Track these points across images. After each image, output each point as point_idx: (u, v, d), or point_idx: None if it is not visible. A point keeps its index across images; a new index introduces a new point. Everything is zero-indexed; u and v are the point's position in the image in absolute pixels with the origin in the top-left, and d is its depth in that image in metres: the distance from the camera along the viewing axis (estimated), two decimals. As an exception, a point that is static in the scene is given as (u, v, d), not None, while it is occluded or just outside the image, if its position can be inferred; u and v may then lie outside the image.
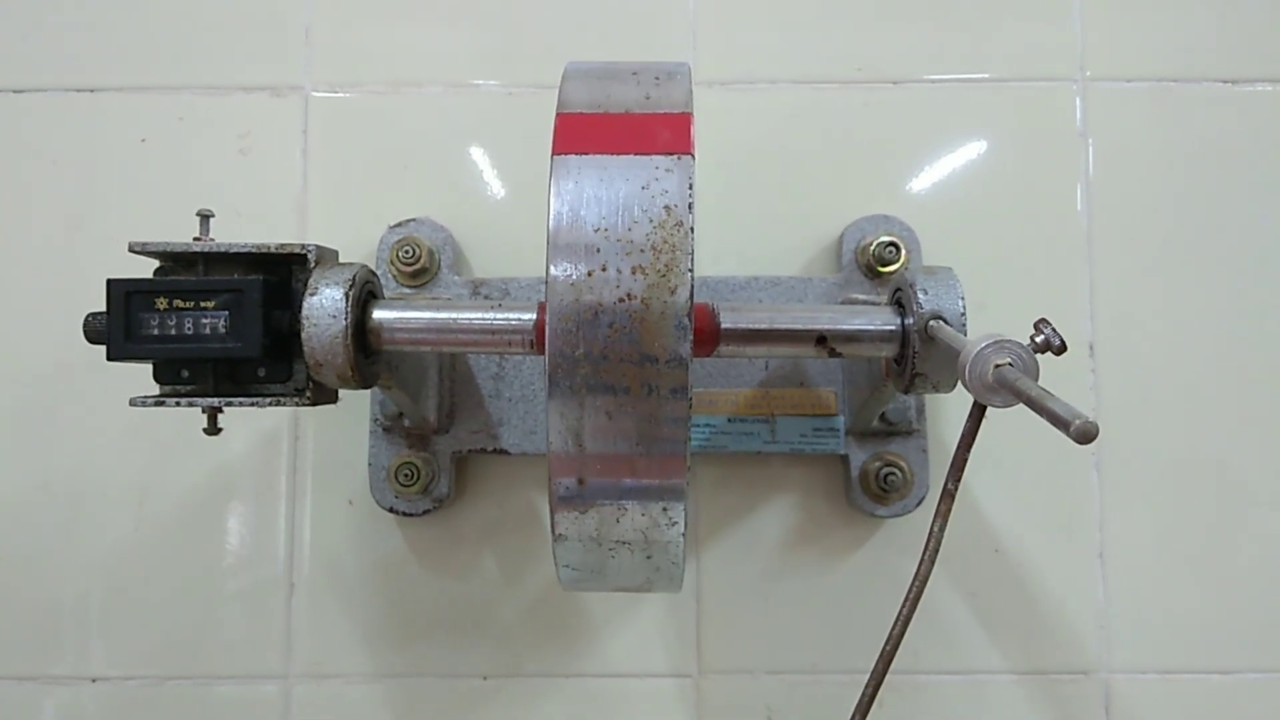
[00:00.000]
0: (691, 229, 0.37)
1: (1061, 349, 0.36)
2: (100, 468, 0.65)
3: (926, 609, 0.64)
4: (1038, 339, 0.36)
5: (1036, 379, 0.35)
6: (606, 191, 0.37)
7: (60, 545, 0.65)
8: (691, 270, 0.36)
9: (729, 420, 0.63)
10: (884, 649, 0.37)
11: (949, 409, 0.65)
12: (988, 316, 0.66)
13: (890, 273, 0.63)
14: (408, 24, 0.68)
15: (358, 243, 0.65)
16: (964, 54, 0.68)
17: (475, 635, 0.65)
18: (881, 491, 0.62)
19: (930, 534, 0.36)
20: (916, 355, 0.45)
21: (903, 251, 0.63)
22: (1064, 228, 0.67)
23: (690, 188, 0.37)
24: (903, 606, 0.38)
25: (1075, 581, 0.65)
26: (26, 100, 0.67)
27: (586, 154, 0.38)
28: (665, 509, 0.38)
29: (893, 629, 0.38)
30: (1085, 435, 0.28)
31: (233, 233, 0.55)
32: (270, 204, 0.67)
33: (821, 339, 0.47)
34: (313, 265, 0.48)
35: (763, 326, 0.47)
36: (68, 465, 0.65)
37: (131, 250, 0.48)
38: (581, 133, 0.39)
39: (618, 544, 0.40)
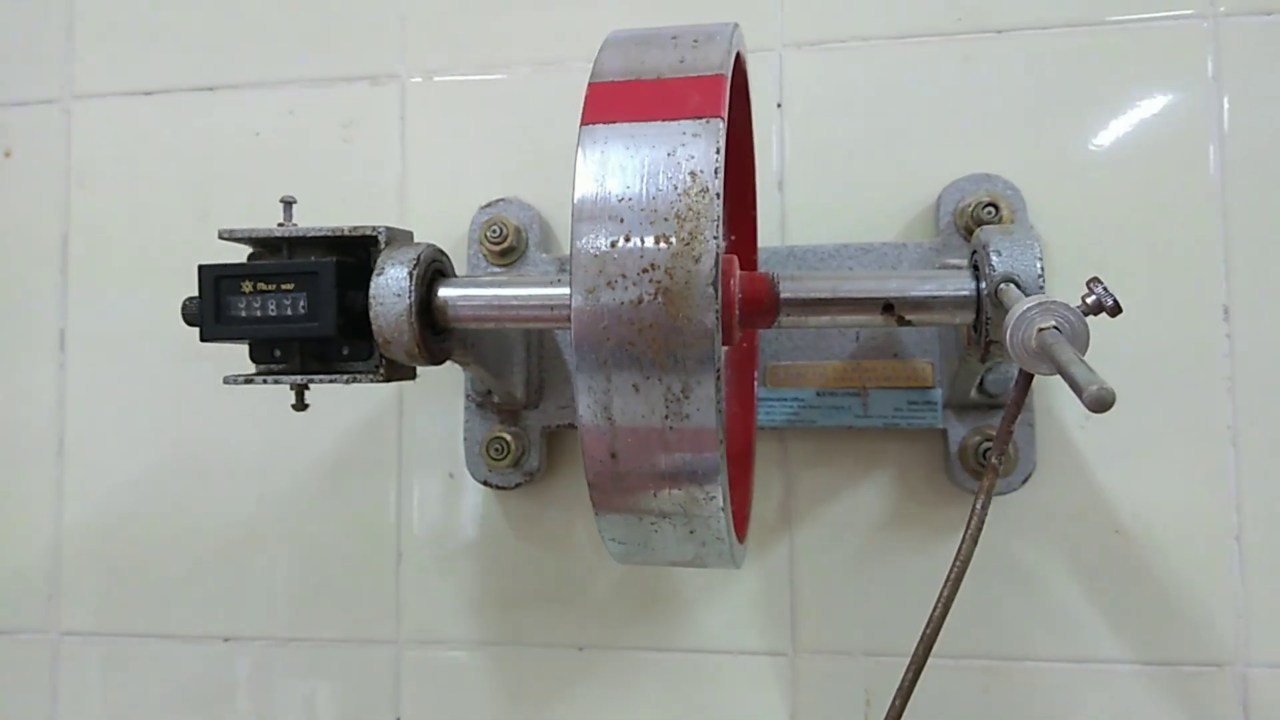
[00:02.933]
0: (718, 195, 0.36)
1: (1116, 310, 0.33)
2: (227, 445, 0.70)
3: (1038, 592, 0.61)
4: (1089, 299, 0.33)
5: (1086, 344, 0.32)
6: (632, 160, 0.37)
7: (195, 517, 0.70)
8: (717, 238, 0.35)
9: (818, 394, 0.61)
10: (924, 632, 0.35)
11: (1060, 381, 0.61)
12: (1108, 278, 0.60)
13: (991, 235, 0.59)
14: (497, 6, 0.69)
15: (454, 223, 0.67)
16: (1080, -5, 0.62)
17: (570, 606, 0.66)
18: (981, 468, 0.58)
19: (972, 511, 0.34)
20: (989, 322, 0.42)
21: (1004, 212, 0.59)
22: (1195, 182, 0.61)
23: (718, 152, 0.36)
24: (943, 588, 0.36)
25: (1208, 565, 0.59)
26: (154, 101, 0.72)
27: (615, 122, 0.37)
28: (701, 483, 0.37)
29: (933, 611, 0.35)
30: (1098, 403, 0.26)
31: (339, 217, 0.58)
32: (373, 188, 0.69)
33: (889, 306, 0.45)
34: (383, 246, 0.49)
35: (825, 295, 0.45)
36: (198, 443, 0.70)
37: (220, 237, 0.51)
38: (611, 101, 0.38)
39: (658, 518, 0.39)
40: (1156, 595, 0.60)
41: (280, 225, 0.51)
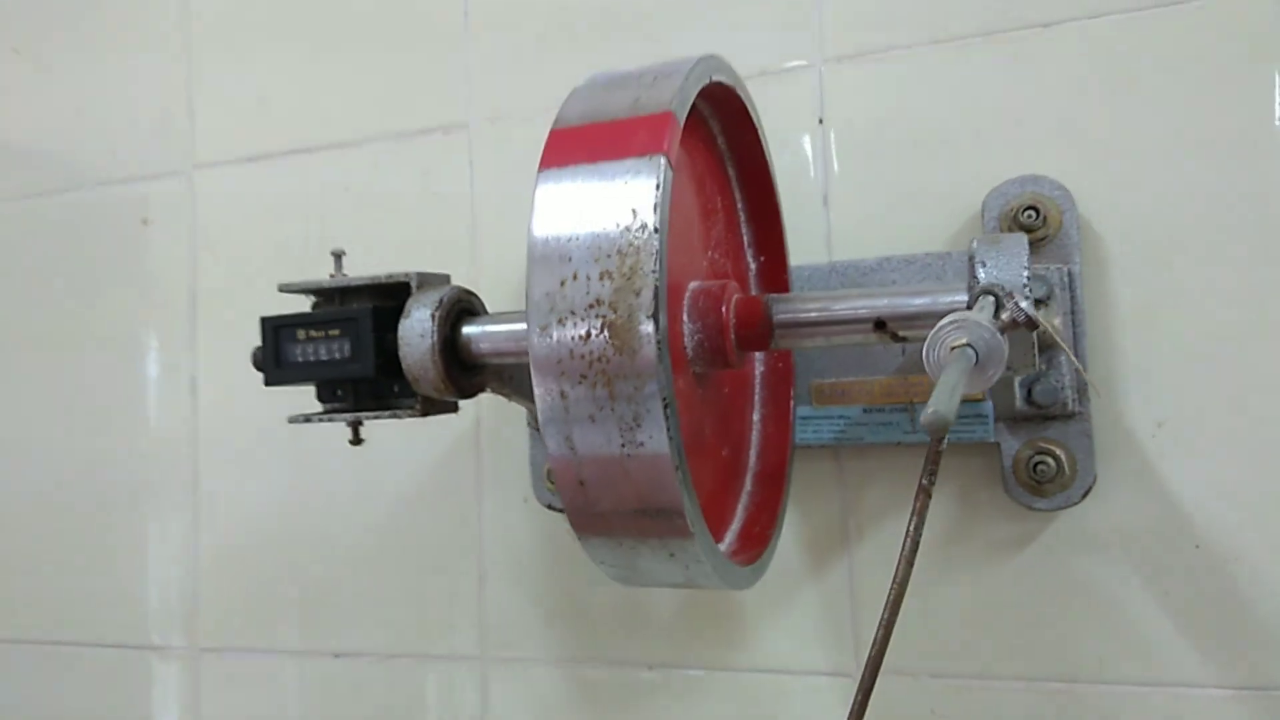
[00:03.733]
0: (656, 229, 0.37)
1: (1031, 325, 0.32)
2: (333, 478, 0.76)
3: (1113, 613, 0.58)
4: (1003, 316, 0.32)
5: (1001, 360, 0.31)
6: (580, 201, 0.39)
7: (308, 543, 0.77)
8: (655, 271, 0.37)
9: (864, 410, 0.60)
10: (870, 654, 0.35)
11: (1129, 387, 0.58)
12: (1174, 276, 0.57)
13: (1037, 240, 0.57)
14: (555, 53, 0.72)
15: (522, 260, 0.71)
16: (1131, -22, 0.59)
17: (639, 625, 0.68)
18: (1035, 482, 0.56)
19: (906, 534, 0.34)
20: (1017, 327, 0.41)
21: (1049, 215, 0.57)
22: (1270, 165, 0.56)
23: (658, 187, 0.38)
24: (884, 611, 0.35)
25: (1304, 583, 0.55)
26: (260, 166, 0.80)
27: (566, 166, 0.40)
28: (665, 509, 0.39)
29: (876, 633, 0.35)
30: (928, 425, 0.25)
31: (417, 261, 0.62)
32: (448, 232, 0.74)
33: (880, 324, 0.44)
34: (414, 290, 0.53)
35: (815, 316, 0.46)
36: (309, 477, 0.77)
37: (280, 290, 0.57)
38: (566, 147, 0.40)
39: (636, 541, 0.41)
40: (1247, 615, 0.56)
41: (331, 276, 0.56)
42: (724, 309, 0.46)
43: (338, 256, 0.57)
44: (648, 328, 0.36)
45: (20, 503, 0.86)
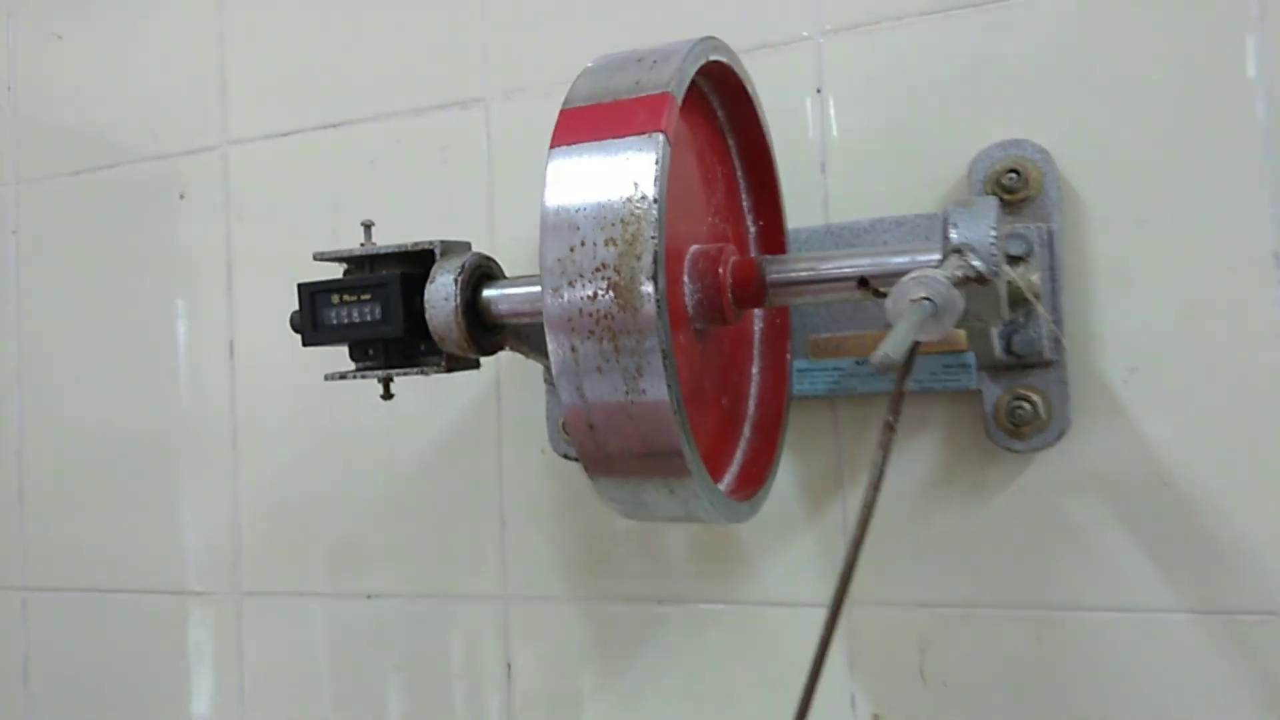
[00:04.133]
0: (655, 200, 0.42)
1: (981, 279, 0.36)
2: (363, 432, 0.82)
3: (1086, 545, 0.62)
4: (957, 272, 0.37)
5: (957, 311, 0.36)
6: (587, 175, 0.43)
7: (341, 492, 0.82)
8: (655, 237, 0.41)
9: (856, 363, 0.65)
10: (840, 580, 0.40)
11: (1104, 336, 0.62)
12: (1148, 233, 0.61)
13: (1018, 201, 0.61)
14: (567, 29, 0.76)
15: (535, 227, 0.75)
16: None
17: (649, 565, 0.73)
18: (1013, 426, 0.61)
19: (873, 464, 0.38)
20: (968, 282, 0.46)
21: (1030, 177, 0.61)
22: (1239, 128, 0.60)
23: (657, 162, 0.42)
24: (856, 530, 0.40)
25: (1261, 515, 0.59)
26: (290, 140, 0.85)
27: (575, 144, 0.44)
28: (665, 449, 0.44)
29: (847, 554, 0.40)
30: (878, 364, 0.30)
31: (439, 231, 0.67)
32: (467, 202, 0.79)
33: (863, 281, 0.49)
34: (438, 257, 0.58)
35: (805, 275, 0.50)
36: (341, 431, 0.83)
37: (315, 258, 0.62)
38: (574, 126, 0.45)
39: (640, 479, 0.46)
40: (1210, 545, 0.60)
41: (362, 245, 0.61)
42: (721, 270, 0.51)
43: (367, 227, 0.62)
44: (648, 288, 0.41)
45: (72, 460, 0.92)
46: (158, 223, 0.90)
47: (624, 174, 0.42)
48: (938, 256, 0.48)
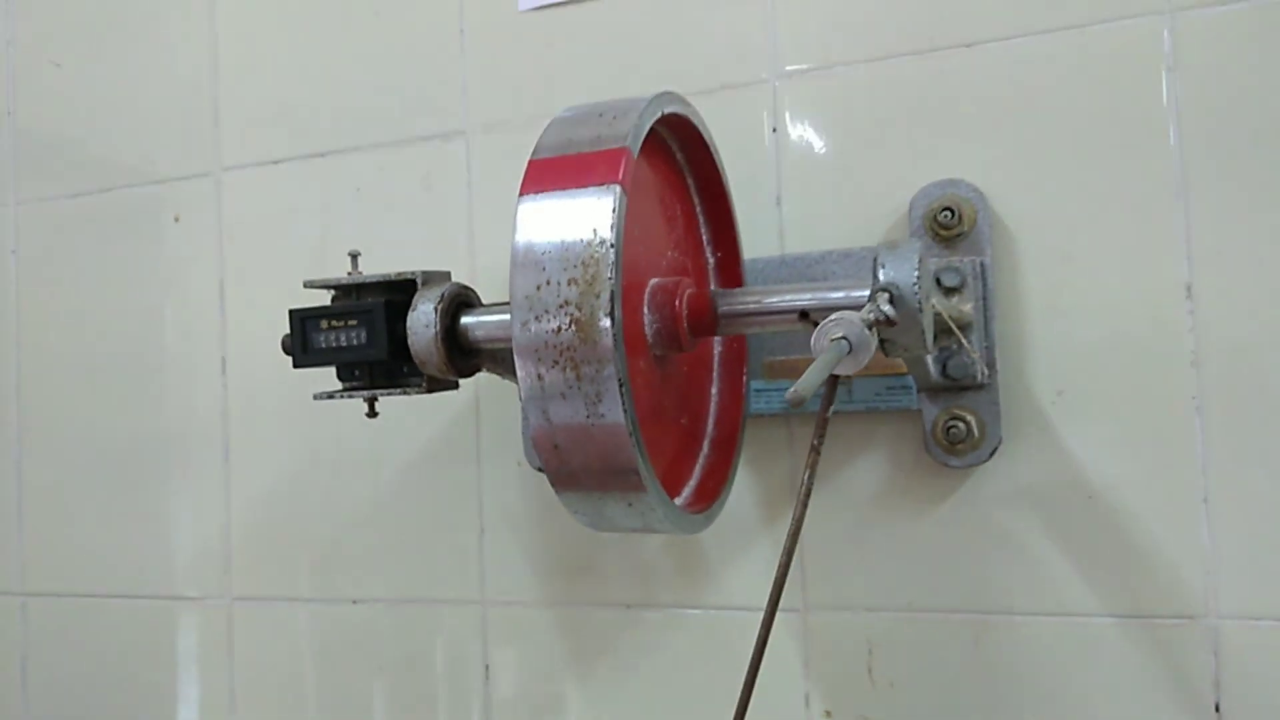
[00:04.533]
0: (613, 245, 0.47)
1: (889, 322, 0.41)
2: (349, 445, 0.86)
3: (1018, 554, 0.67)
4: (869, 315, 0.42)
5: (869, 349, 0.41)
6: (552, 220, 0.48)
7: (328, 502, 0.87)
8: (612, 278, 0.46)
9: (808, 383, 0.70)
10: (771, 591, 0.45)
11: (1033, 361, 0.67)
12: (1074, 266, 0.67)
13: (954, 236, 0.66)
14: (545, 67, 0.81)
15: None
16: (1043, 3, 0.68)
17: (618, 571, 0.78)
18: (950, 443, 0.66)
19: (802, 482, 0.43)
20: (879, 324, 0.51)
21: (964, 215, 0.66)
22: (1155, 169, 0.65)
23: (614, 210, 0.47)
24: (786, 540, 0.45)
25: (1178, 526, 0.65)
26: (281, 168, 0.90)
27: (541, 192, 0.49)
28: (623, 467, 0.49)
29: (779, 565, 0.45)
30: (790, 398, 0.35)
31: (422, 255, 0.72)
32: (448, 229, 0.84)
33: (804, 314, 0.54)
34: (420, 286, 0.63)
35: (752, 308, 0.55)
36: (328, 444, 0.87)
37: (305, 286, 0.66)
38: (541, 176, 0.50)
39: (602, 495, 0.51)
40: (1131, 554, 0.65)
41: (349, 274, 0.66)
42: (678, 302, 0.56)
43: (354, 256, 0.66)
44: (605, 323, 0.46)
45: (70, 470, 0.96)
46: (153, 243, 0.94)
47: (585, 220, 0.47)
48: (867, 293, 0.53)
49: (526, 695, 0.81)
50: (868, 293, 0.53)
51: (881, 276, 0.51)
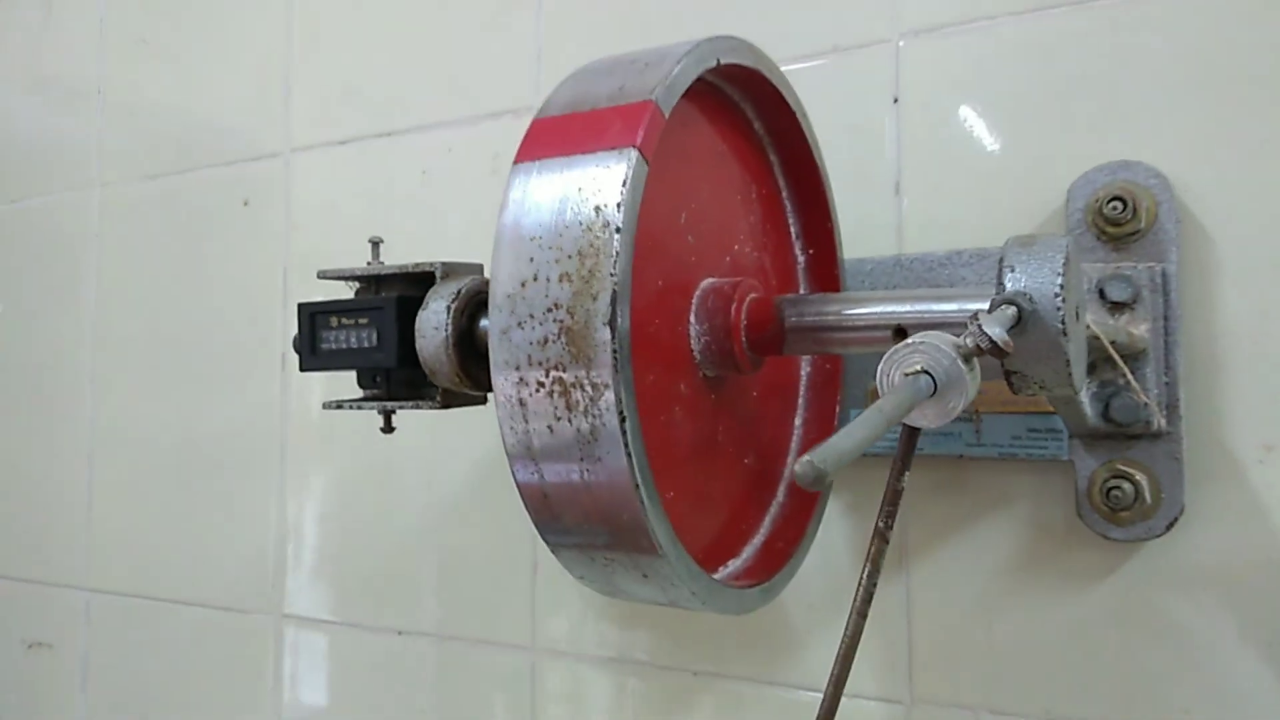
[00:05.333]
0: (619, 229, 0.34)
1: (998, 352, 0.27)
2: (404, 454, 0.77)
3: (1196, 655, 0.51)
4: (966, 340, 0.27)
5: (962, 390, 0.27)
6: (548, 196, 0.36)
7: (380, 518, 0.78)
8: (615, 274, 0.34)
9: (923, 418, 0.55)
10: (828, 687, 0.31)
11: (1232, 406, 0.50)
12: (1294, 280, 0.50)
13: (1125, 235, 0.50)
14: (634, 22, 0.69)
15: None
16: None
17: (686, 629, 0.65)
18: (1110, 509, 0.50)
19: (859, 583, 0.29)
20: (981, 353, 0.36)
21: (1141, 207, 0.50)
22: None
23: (625, 183, 0.35)
24: (834, 668, 0.31)
25: None
26: (348, 149, 0.81)
27: (539, 159, 0.37)
28: (628, 528, 0.36)
29: (826, 690, 0.31)
30: (798, 477, 0.21)
31: (484, 243, 0.61)
32: (516, 217, 0.73)
33: (900, 331, 0.40)
34: (438, 280, 0.52)
35: (830, 320, 0.42)
36: (385, 454, 0.78)
37: (319, 277, 0.57)
38: (544, 137, 0.38)
39: (608, 560, 0.38)
40: (1364, 677, 0.48)
41: (368, 264, 0.56)
42: (735, 309, 0.43)
43: (375, 244, 0.57)
44: (603, 335, 0.34)
45: (137, 466, 0.92)
46: (224, 229, 0.88)
47: (587, 197, 0.35)
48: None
49: (579, 760, 0.69)
50: (986, 306, 0.39)
51: (1009, 283, 0.36)
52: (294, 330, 0.82)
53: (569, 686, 0.69)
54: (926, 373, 0.27)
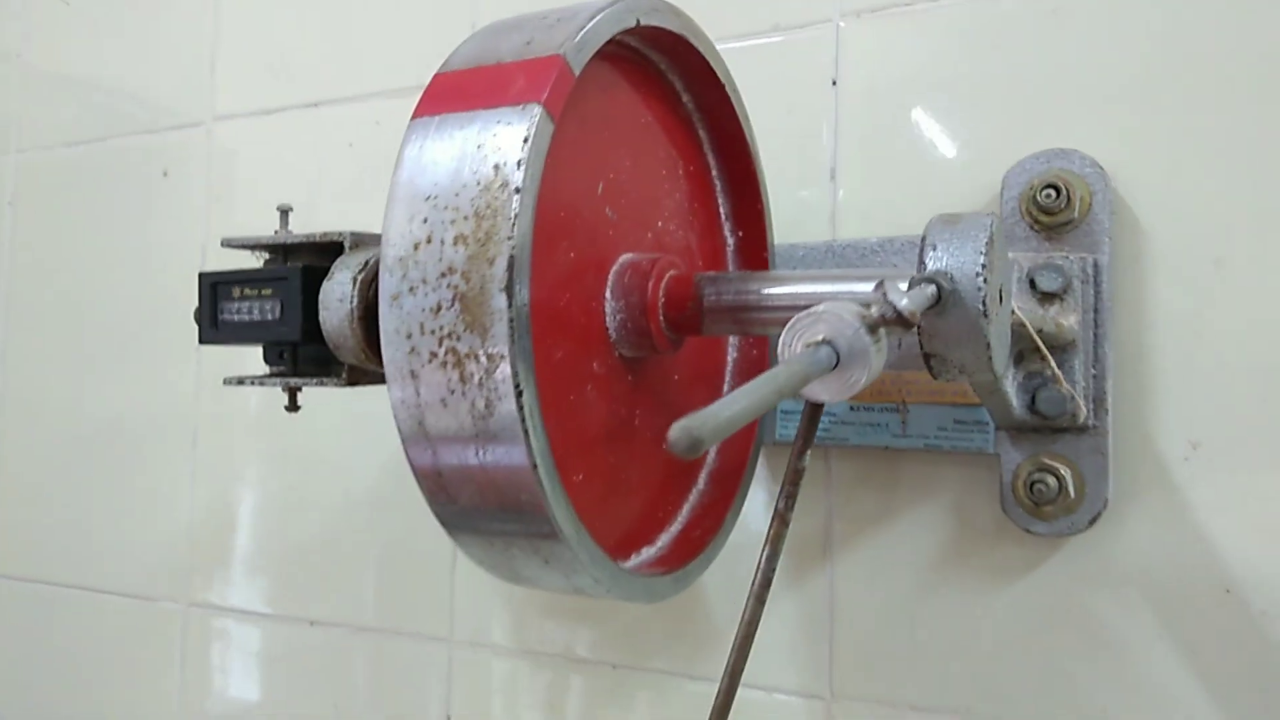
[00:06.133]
0: (518, 189, 0.32)
1: (904, 323, 0.25)
2: (323, 443, 0.74)
3: (1117, 654, 0.50)
4: (872, 311, 0.26)
5: (865, 363, 0.25)
6: (445, 154, 0.34)
7: (295, 506, 0.75)
8: (512, 237, 0.32)
9: (851, 409, 0.54)
10: (715, 703, 0.29)
11: (1160, 400, 0.49)
12: (1227, 276, 0.49)
13: (1059, 225, 0.49)
14: None
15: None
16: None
17: (607, 623, 0.63)
18: (1034, 503, 0.49)
19: (757, 566, 0.28)
20: (921, 331, 0.35)
21: (1075, 196, 0.49)
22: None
23: (527, 139, 0.32)
24: (730, 656, 0.29)
25: (1356, 647, 0.46)
26: (273, 119, 0.78)
27: (437, 114, 0.35)
28: (528, 509, 0.34)
29: (721, 683, 0.29)
30: (671, 444, 0.19)
31: None
32: (444, 194, 0.70)
33: (819, 312, 0.38)
34: (346, 250, 0.49)
35: (750, 300, 0.40)
36: (302, 438, 0.75)
37: (222, 245, 0.54)
38: (443, 92, 0.36)
39: (506, 542, 0.36)
40: (1279, 673, 0.47)
41: (275, 232, 0.53)
42: (652, 286, 0.41)
43: (284, 213, 0.54)
44: (499, 302, 0.32)
45: (45, 445, 0.88)
46: (141, 200, 0.84)
47: (487, 154, 0.33)
48: (915, 286, 0.37)
49: (495, 755, 0.67)
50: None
51: (930, 262, 0.34)
52: (210, 306, 0.78)
53: (486, 679, 0.67)
54: (828, 343, 0.25)
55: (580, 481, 0.39)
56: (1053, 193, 0.48)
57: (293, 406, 0.53)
